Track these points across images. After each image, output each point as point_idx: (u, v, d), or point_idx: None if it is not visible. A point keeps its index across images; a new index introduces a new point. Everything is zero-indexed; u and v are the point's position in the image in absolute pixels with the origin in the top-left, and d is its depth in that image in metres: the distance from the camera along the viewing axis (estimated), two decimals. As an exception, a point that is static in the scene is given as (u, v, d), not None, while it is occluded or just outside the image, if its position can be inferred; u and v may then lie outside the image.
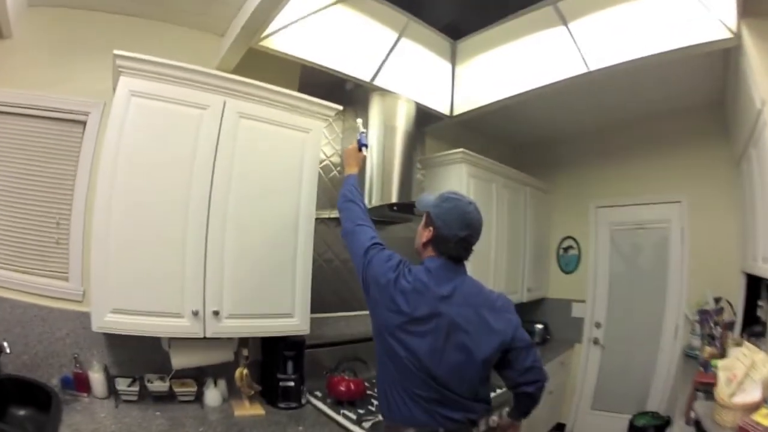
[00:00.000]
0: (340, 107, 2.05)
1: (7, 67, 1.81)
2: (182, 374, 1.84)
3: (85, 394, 1.68)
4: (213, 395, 1.83)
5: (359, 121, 2.00)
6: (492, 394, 1.50)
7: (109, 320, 1.56)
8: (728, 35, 1.85)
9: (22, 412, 1.55)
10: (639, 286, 3.42)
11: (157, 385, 1.78)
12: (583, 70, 2.17)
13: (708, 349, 2.42)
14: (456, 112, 2.94)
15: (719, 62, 2.36)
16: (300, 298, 1.93)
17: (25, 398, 1.58)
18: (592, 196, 3.73)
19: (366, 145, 1.89)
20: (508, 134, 3.89)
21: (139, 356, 1.83)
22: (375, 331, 1.37)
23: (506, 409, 1.58)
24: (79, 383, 1.68)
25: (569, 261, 3.87)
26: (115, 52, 1.58)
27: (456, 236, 1.31)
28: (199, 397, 1.83)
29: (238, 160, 1.79)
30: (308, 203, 1.98)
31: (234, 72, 1.98)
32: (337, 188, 2.57)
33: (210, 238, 1.69)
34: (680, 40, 1.94)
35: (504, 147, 4.03)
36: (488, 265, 3.03)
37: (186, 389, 1.82)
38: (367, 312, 1.39)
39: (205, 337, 1.67)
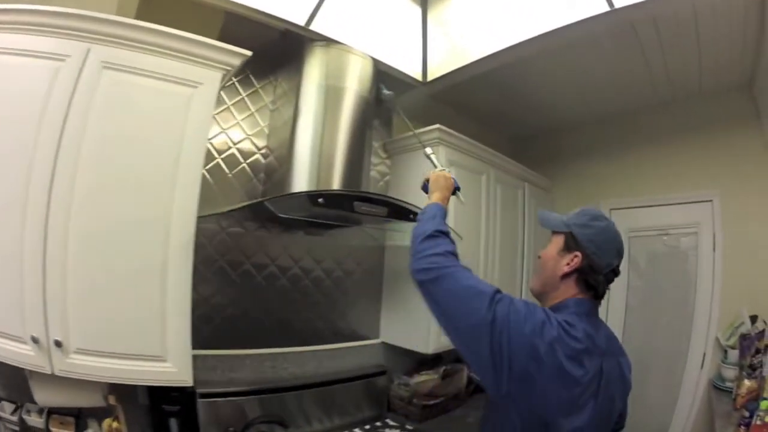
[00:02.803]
0: (248, 52, 1.53)
1: None
2: (65, 410, 1.50)
3: (-23, 411, 1.42)
4: (93, 444, 1.47)
5: (428, 150, 1.60)
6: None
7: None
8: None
9: None
10: (661, 305, 2.84)
11: (34, 420, 1.48)
12: (603, 8, 1.65)
13: (747, 383, 1.95)
14: (431, 77, 2.25)
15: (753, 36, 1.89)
16: (176, 334, 1.38)
17: None
18: (605, 196, 3.06)
19: (459, 189, 1.44)
20: (500, 117, 3.17)
21: (22, 380, 1.48)
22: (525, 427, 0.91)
23: None
24: (-33, 398, 1.47)
25: (577, 274, 3.30)
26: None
27: (609, 266, 1.06)
28: (78, 442, 1.48)
29: (92, 129, 1.30)
30: (188, 193, 1.40)
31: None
32: (259, 177, 1.96)
33: (51, 239, 1.25)
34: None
35: (495, 133, 3.28)
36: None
37: (63, 431, 1.51)
38: (309, 349, 0.90)
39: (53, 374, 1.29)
